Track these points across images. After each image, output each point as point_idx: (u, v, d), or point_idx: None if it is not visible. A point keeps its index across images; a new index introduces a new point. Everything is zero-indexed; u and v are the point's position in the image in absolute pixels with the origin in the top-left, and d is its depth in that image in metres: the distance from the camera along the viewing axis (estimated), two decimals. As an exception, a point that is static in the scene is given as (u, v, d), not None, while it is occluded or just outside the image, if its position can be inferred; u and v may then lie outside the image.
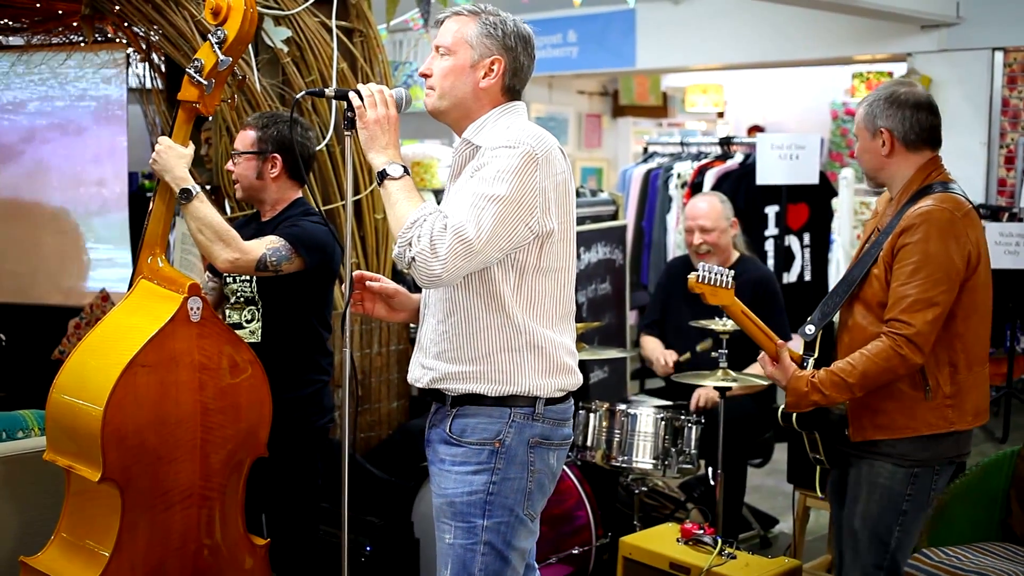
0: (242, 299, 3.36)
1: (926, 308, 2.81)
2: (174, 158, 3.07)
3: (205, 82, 3.04)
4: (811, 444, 3.14)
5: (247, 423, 3.14)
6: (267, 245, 3.19)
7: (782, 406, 3.10)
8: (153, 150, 3.12)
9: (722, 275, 2.96)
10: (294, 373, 3.37)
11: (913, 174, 2.98)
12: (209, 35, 3.04)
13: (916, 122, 2.97)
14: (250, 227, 3.43)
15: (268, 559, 3.31)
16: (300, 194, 3.46)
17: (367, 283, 2.72)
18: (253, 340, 3.33)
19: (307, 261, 3.24)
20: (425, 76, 2.55)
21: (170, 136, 3.13)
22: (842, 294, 3.01)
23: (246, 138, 3.37)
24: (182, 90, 3.09)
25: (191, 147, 3.13)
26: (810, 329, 3.04)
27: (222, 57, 3.01)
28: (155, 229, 3.12)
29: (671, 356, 4.63)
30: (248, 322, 3.36)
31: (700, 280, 2.93)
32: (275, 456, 3.28)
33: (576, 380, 2.60)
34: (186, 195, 3.06)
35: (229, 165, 3.40)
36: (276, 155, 3.36)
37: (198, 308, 3.01)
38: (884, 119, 2.98)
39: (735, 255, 4.72)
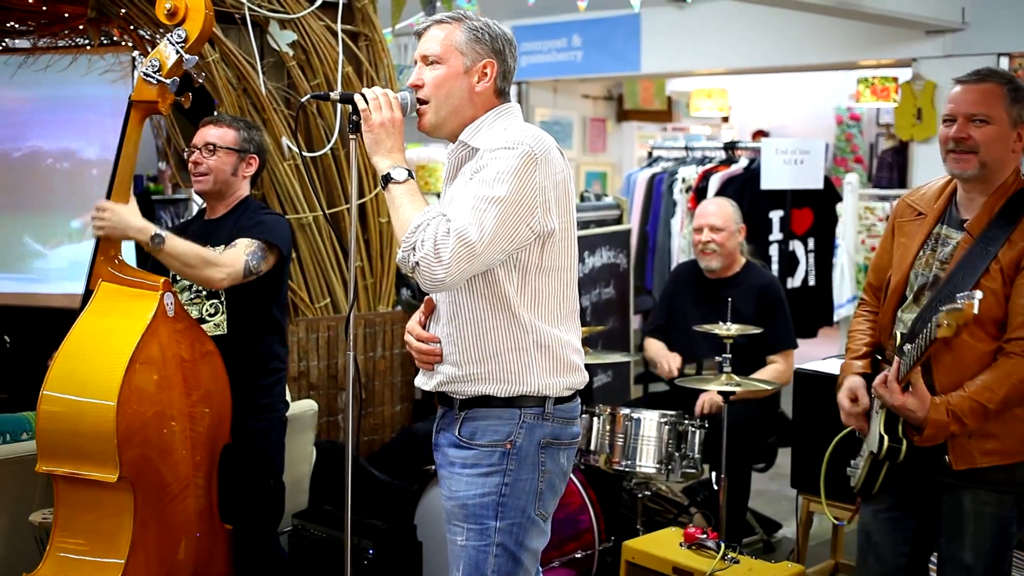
0: (203, 293, 3.42)
1: None
2: (126, 214, 3.12)
3: (167, 81, 3.09)
4: (872, 472, 2.84)
5: (217, 410, 3.26)
6: (245, 251, 3.28)
7: (903, 445, 2.73)
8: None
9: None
10: (259, 362, 3.46)
11: (1009, 177, 2.73)
12: (167, 35, 3.09)
13: None
14: (194, 226, 3.55)
15: (231, 545, 3.40)
16: (249, 193, 3.57)
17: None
18: (219, 332, 3.40)
19: (283, 251, 3.38)
20: (416, 87, 2.55)
21: (123, 137, 3.17)
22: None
23: (227, 135, 3.46)
24: (136, 91, 3.15)
25: (133, 201, 3.17)
26: (909, 348, 2.69)
27: (187, 56, 3.08)
28: None
29: (676, 361, 4.64)
30: (211, 315, 3.43)
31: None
32: (246, 444, 3.37)
33: (583, 378, 2.60)
34: (159, 239, 3.11)
35: (197, 157, 3.43)
36: (255, 157, 3.51)
37: (172, 303, 3.12)
38: None
39: (740, 261, 4.73)
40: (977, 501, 2.72)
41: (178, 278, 3.42)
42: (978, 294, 2.44)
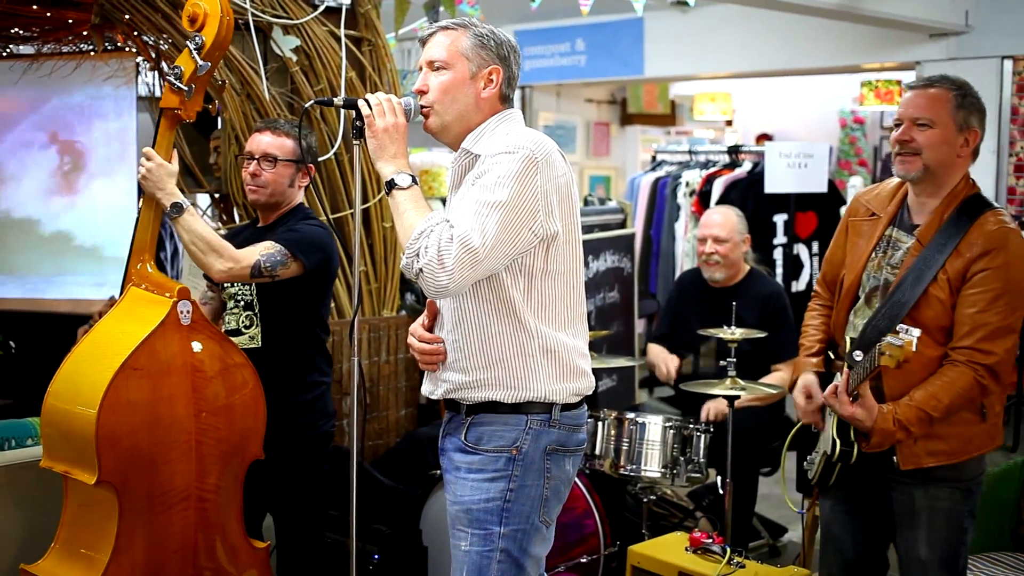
0: (241, 303, 3.39)
1: (1006, 335, 2.71)
2: (165, 175, 3.12)
3: (186, 88, 3.10)
4: (826, 469, 2.96)
5: (241, 425, 3.19)
6: (261, 252, 3.22)
7: (854, 449, 2.86)
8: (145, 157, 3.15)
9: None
10: (296, 377, 3.39)
11: (959, 183, 2.82)
12: (187, 42, 3.11)
13: (984, 130, 2.84)
14: (245, 233, 3.49)
15: (269, 562, 3.33)
16: (302, 200, 3.51)
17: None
18: (254, 345, 3.36)
19: (306, 263, 3.28)
20: (421, 92, 2.55)
21: (154, 144, 3.17)
22: (893, 317, 2.78)
23: (285, 146, 3.39)
24: (163, 98, 3.17)
25: (175, 161, 3.18)
26: (858, 355, 2.79)
27: (201, 62, 3.08)
28: (143, 236, 3.17)
29: (673, 362, 4.66)
30: (247, 328, 3.39)
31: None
32: (282, 461, 3.30)
33: (589, 383, 2.59)
34: (177, 209, 3.11)
35: (255, 168, 3.38)
36: (311, 166, 3.45)
37: (188, 311, 3.08)
38: (976, 120, 2.80)
39: (745, 269, 4.74)
40: (928, 496, 2.83)
41: (226, 285, 3.41)
42: (916, 332, 2.58)
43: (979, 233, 2.73)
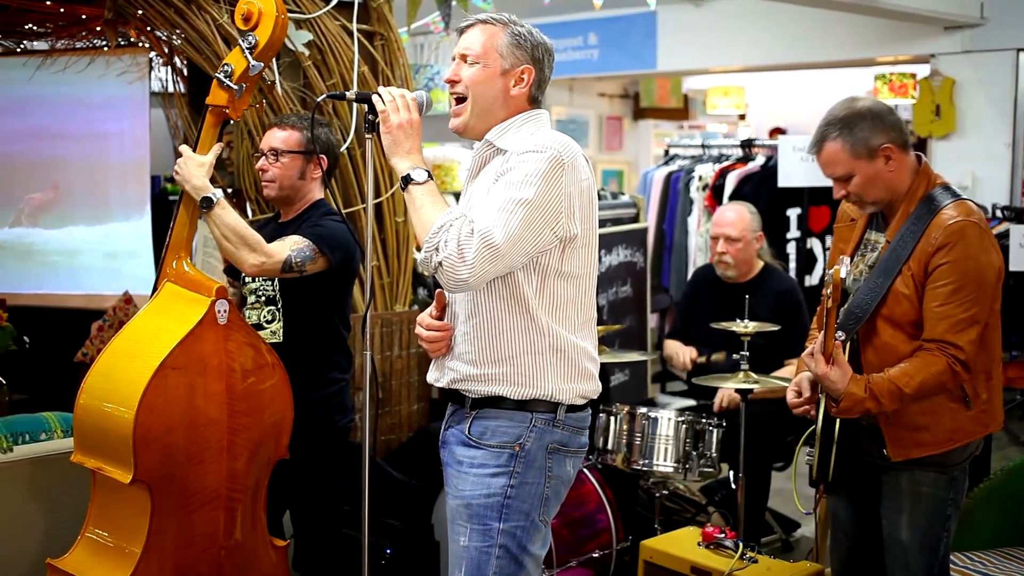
0: (263, 298, 3.38)
1: (970, 327, 2.75)
2: (193, 167, 3.10)
3: (236, 87, 3.08)
4: (823, 457, 3.01)
5: (271, 425, 3.17)
6: (291, 246, 3.21)
7: (821, 412, 2.96)
8: (177, 155, 3.15)
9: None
10: (316, 373, 3.38)
11: (914, 179, 2.90)
12: (240, 40, 3.08)
13: (900, 124, 2.89)
14: (268, 228, 3.46)
15: (287, 560, 3.33)
16: (322, 195, 3.49)
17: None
18: (275, 340, 3.35)
19: (332, 259, 3.27)
20: (452, 82, 2.55)
21: (196, 141, 3.16)
22: (865, 308, 2.88)
23: (291, 138, 3.38)
24: (211, 95, 3.13)
25: (212, 153, 3.15)
26: (840, 335, 2.90)
27: (253, 62, 3.07)
28: (180, 233, 3.15)
29: (690, 353, 4.66)
30: (268, 322, 3.38)
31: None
32: (299, 457, 3.30)
33: (596, 387, 2.59)
34: (207, 203, 3.09)
35: (263, 163, 3.39)
36: (323, 156, 3.40)
37: (225, 311, 3.05)
38: (880, 136, 2.85)
39: (759, 265, 4.73)
40: (913, 481, 2.89)
41: (247, 280, 3.41)
42: (845, 260, 2.76)
43: (937, 226, 2.81)
